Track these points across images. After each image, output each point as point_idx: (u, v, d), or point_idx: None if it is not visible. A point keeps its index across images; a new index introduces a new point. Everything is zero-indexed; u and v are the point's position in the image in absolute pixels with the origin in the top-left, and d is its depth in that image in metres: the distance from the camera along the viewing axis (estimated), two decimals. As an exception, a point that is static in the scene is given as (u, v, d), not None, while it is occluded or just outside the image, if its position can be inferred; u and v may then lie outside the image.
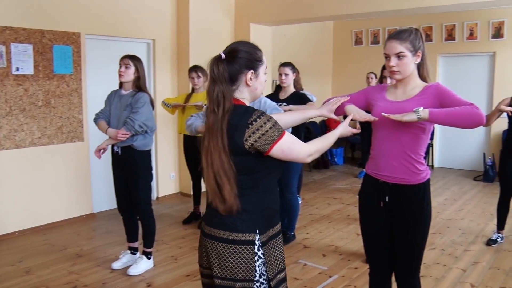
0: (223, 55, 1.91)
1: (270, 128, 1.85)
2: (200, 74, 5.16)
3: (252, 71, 1.93)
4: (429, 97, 2.32)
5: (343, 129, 2.21)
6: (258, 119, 1.84)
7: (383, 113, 2.26)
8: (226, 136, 1.84)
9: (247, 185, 1.90)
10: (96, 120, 4.02)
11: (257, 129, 1.83)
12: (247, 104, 1.99)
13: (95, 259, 4.38)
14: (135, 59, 3.90)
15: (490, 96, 8.22)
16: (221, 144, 1.84)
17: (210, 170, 1.89)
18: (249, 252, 1.90)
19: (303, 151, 1.95)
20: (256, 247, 1.91)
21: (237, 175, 1.87)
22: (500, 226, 4.80)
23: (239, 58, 1.92)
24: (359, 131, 2.25)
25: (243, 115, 1.86)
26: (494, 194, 6.30)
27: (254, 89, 1.99)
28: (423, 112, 2.18)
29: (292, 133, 4.28)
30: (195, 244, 4.75)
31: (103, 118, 3.99)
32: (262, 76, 2.00)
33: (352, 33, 9.70)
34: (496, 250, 4.62)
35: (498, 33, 8.07)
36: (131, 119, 3.76)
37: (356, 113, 2.40)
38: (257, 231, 1.92)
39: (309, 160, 1.99)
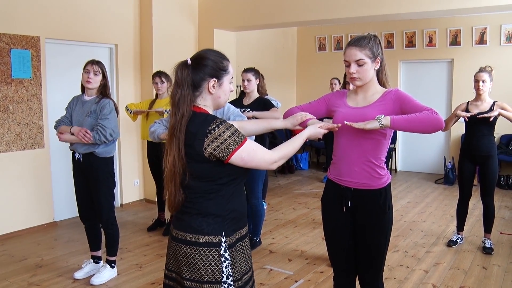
0: (189, 61, 1.95)
1: (229, 136, 1.87)
2: (163, 79, 5.12)
3: (215, 79, 1.96)
4: (389, 102, 2.37)
5: (311, 130, 2.23)
6: (217, 128, 1.87)
7: (345, 122, 2.29)
8: (182, 142, 1.88)
9: (211, 190, 1.94)
10: (56, 127, 3.93)
11: (216, 138, 1.86)
12: (210, 112, 2.01)
13: (56, 269, 4.27)
14: (102, 65, 3.85)
15: (449, 100, 8.46)
16: (176, 148, 1.89)
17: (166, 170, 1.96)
18: (216, 254, 1.93)
19: (266, 158, 1.96)
20: (222, 249, 1.94)
21: (200, 181, 1.93)
22: (460, 227, 4.93)
23: (204, 66, 1.95)
24: (327, 131, 2.26)
25: (203, 123, 1.89)
26: (454, 197, 6.47)
27: (216, 97, 2.01)
28: (385, 120, 2.23)
29: (257, 138, 4.31)
30: (160, 252, 4.70)
31: (64, 124, 3.90)
32: (227, 86, 2.02)
33: (315, 39, 9.82)
34: (456, 251, 4.74)
35: (455, 41, 8.33)
36: (102, 126, 3.68)
37: (319, 124, 2.44)
38: (223, 233, 1.95)
39: (274, 167, 2.00)
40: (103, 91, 3.85)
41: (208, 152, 1.86)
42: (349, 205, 2.46)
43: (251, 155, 1.91)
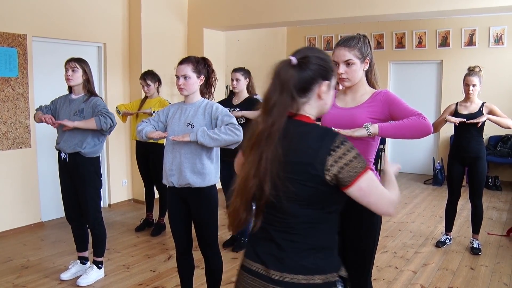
0: (294, 60, 1.58)
1: (355, 157, 1.53)
2: (149, 82, 5.08)
3: (328, 82, 1.62)
4: (378, 104, 2.36)
5: (393, 168, 1.91)
6: (342, 145, 1.52)
7: (333, 129, 2.27)
8: (279, 156, 1.52)
9: (321, 219, 1.60)
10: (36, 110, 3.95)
11: (340, 157, 1.50)
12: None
13: (42, 270, 4.21)
14: (81, 61, 3.78)
15: (438, 101, 8.50)
16: (264, 162, 1.52)
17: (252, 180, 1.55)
18: None
19: (386, 196, 1.59)
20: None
21: (308, 207, 1.56)
22: (448, 228, 4.95)
23: (315, 65, 1.58)
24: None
25: (323, 138, 1.54)
26: (443, 197, 6.50)
27: (324, 104, 1.67)
28: (373, 128, 2.23)
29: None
30: (148, 252, 4.66)
31: (42, 110, 3.91)
32: (333, 90, 1.69)
33: (305, 39, 9.82)
34: (444, 252, 4.75)
35: (444, 42, 8.37)
36: (105, 112, 3.65)
37: None
38: (338, 269, 1.63)
39: (391, 211, 1.61)
40: (89, 88, 3.80)
41: (331, 173, 1.50)
42: (338, 207, 2.45)
43: (371, 186, 1.55)
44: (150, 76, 5.11)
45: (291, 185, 1.52)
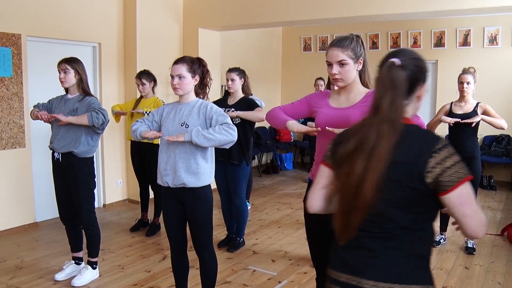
0: (398, 61, 1.57)
1: (457, 162, 1.49)
2: (144, 81, 5.08)
3: (425, 84, 1.63)
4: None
5: None
6: (444, 148, 1.49)
7: (327, 128, 2.28)
8: (387, 159, 1.49)
9: (420, 227, 1.57)
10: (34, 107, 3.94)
11: (443, 160, 1.48)
12: None
13: (37, 270, 4.20)
14: (72, 61, 3.76)
15: (433, 101, 8.51)
16: (373, 164, 1.48)
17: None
18: None
19: (481, 214, 1.51)
20: None
21: (407, 212, 1.53)
22: (443, 227, 4.96)
23: (416, 67, 1.59)
24: None
25: (425, 139, 1.53)
26: (437, 197, 6.50)
27: (419, 105, 1.66)
28: None
29: (242, 138, 4.28)
30: (143, 252, 4.65)
31: (38, 108, 3.90)
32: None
33: (301, 39, 9.82)
34: (439, 251, 4.77)
35: (439, 42, 8.39)
36: (97, 109, 3.63)
37: (297, 129, 2.45)
38: (433, 283, 1.59)
39: (482, 233, 1.52)
40: (83, 87, 3.79)
41: (432, 176, 1.47)
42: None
43: (470, 195, 1.49)
44: (145, 75, 5.11)
45: (393, 187, 1.50)
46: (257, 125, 5.12)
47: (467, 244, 4.75)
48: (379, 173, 1.48)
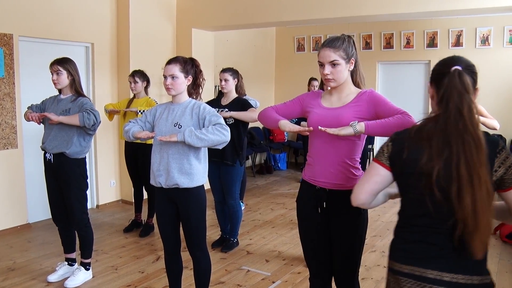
0: (461, 68, 1.71)
1: None
2: (137, 79, 5.07)
3: (478, 90, 1.74)
4: (363, 103, 2.38)
5: None
6: (503, 149, 1.67)
7: (319, 127, 2.29)
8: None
9: None
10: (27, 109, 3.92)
11: (505, 159, 1.65)
12: None
13: (29, 272, 4.17)
14: (64, 62, 3.73)
15: (426, 102, 8.55)
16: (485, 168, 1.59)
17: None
18: None
19: None
20: None
21: None
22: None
23: (473, 73, 1.74)
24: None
25: (488, 142, 1.63)
26: (430, 197, 6.53)
27: None
28: (359, 126, 2.24)
29: (235, 138, 4.29)
30: (136, 253, 4.64)
31: (32, 109, 3.88)
32: None
33: (294, 39, 9.83)
34: (432, 251, 4.78)
35: (432, 43, 8.43)
36: (89, 109, 3.61)
37: (289, 128, 2.45)
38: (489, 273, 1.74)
39: None
40: (75, 88, 3.78)
41: (497, 175, 1.65)
42: (324, 206, 2.46)
43: None
44: (139, 74, 5.11)
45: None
46: (250, 125, 5.12)
47: None
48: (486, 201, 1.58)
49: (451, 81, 1.65)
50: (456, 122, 1.61)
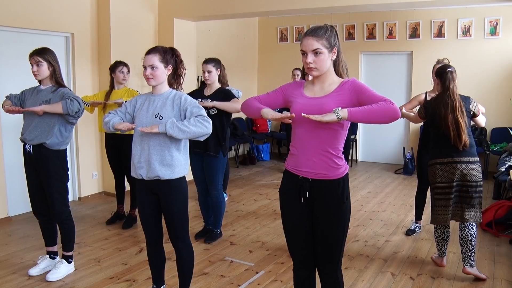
0: (451, 70, 3.88)
1: None
2: (128, 70, 5.13)
3: None
4: (346, 92, 2.37)
5: None
6: (473, 100, 3.88)
7: (303, 114, 2.28)
8: None
9: None
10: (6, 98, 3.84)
11: (476, 104, 3.86)
12: None
13: (10, 266, 4.12)
14: (44, 53, 3.66)
15: (408, 92, 8.62)
16: None
17: None
18: None
19: None
20: None
21: None
22: (418, 216, 5.04)
23: (455, 72, 3.93)
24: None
25: (464, 98, 3.91)
26: (413, 186, 6.60)
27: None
28: (343, 112, 2.23)
29: (218, 129, 4.26)
30: (119, 245, 4.60)
31: (11, 99, 3.81)
32: None
33: (277, 29, 9.81)
34: (414, 239, 4.84)
35: (414, 33, 8.48)
36: (72, 97, 3.56)
37: (271, 116, 2.43)
38: None
39: None
40: (56, 78, 3.71)
41: (471, 112, 3.31)
42: (307, 196, 2.46)
43: None
44: (127, 65, 5.12)
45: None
46: (233, 116, 5.10)
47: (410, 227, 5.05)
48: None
49: (448, 76, 3.71)
50: (448, 95, 3.69)
